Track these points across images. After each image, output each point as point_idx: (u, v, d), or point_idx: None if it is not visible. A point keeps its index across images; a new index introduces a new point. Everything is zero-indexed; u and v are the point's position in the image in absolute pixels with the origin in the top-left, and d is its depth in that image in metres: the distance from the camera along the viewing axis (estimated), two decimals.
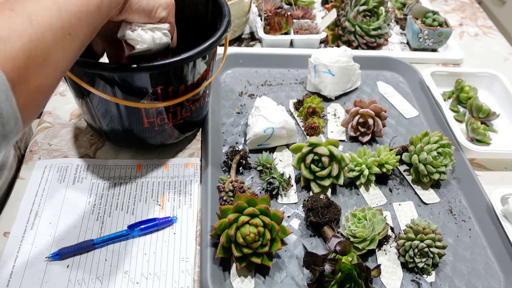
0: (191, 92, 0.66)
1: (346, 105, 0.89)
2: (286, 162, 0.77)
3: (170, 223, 0.65)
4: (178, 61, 0.58)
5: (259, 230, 0.57)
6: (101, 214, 0.66)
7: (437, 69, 0.95)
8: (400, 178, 0.76)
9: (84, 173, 0.72)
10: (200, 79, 0.67)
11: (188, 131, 0.77)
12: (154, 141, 0.73)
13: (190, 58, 0.59)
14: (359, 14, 1.00)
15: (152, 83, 0.60)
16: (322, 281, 0.56)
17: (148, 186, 0.71)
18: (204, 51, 0.60)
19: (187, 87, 0.65)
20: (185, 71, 0.63)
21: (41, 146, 0.76)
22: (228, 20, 0.66)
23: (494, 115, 0.86)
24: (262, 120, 0.75)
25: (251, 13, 1.08)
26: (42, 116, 0.82)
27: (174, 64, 0.58)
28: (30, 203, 0.67)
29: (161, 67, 0.58)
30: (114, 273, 0.60)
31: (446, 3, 1.30)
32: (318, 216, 0.65)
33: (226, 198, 0.67)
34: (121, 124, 0.67)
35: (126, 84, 0.60)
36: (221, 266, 0.61)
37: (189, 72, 0.63)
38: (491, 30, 1.20)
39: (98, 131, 0.73)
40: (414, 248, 0.62)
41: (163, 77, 0.61)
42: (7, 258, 0.60)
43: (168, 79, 0.62)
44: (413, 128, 0.86)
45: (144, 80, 0.59)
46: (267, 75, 0.95)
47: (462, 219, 0.71)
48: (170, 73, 0.61)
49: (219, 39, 0.63)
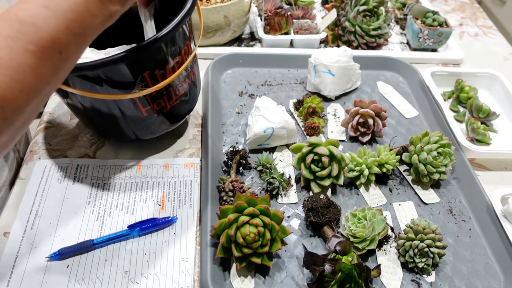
0: (178, 70, 0.66)
1: (346, 105, 0.89)
2: (286, 162, 0.77)
3: (170, 223, 0.65)
4: (153, 42, 0.58)
5: (259, 230, 0.57)
6: (101, 214, 0.66)
7: (437, 69, 0.95)
8: (400, 178, 0.76)
9: (84, 173, 0.72)
10: (184, 54, 0.67)
11: (188, 112, 0.77)
12: (156, 130, 0.73)
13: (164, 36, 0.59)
14: (359, 14, 1.00)
15: (137, 70, 0.61)
16: (322, 281, 0.56)
17: (148, 186, 0.71)
18: (177, 26, 0.60)
19: (173, 66, 0.65)
20: (164, 50, 0.63)
21: (41, 146, 0.76)
22: None
23: (494, 115, 0.86)
24: (262, 120, 0.75)
25: (251, 13, 1.08)
26: (42, 117, 0.82)
27: (151, 44, 0.58)
28: (30, 203, 0.67)
29: (139, 51, 0.58)
30: (114, 273, 0.60)
31: (446, 3, 1.30)
32: (318, 216, 0.65)
33: (226, 198, 0.67)
34: (119, 120, 0.68)
35: (113, 78, 0.60)
36: (221, 266, 0.61)
37: (169, 50, 0.63)
38: (491, 30, 1.20)
39: (97, 132, 0.73)
40: (414, 248, 0.62)
41: (145, 61, 0.61)
42: (7, 258, 0.60)
43: (150, 61, 0.62)
44: (413, 128, 0.86)
45: (128, 69, 0.60)
46: (267, 75, 0.95)
47: (462, 219, 0.71)
48: (151, 55, 0.61)
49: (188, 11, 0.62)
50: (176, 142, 0.79)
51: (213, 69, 0.91)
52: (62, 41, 0.38)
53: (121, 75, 0.60)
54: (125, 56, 0.57)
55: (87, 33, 0.41)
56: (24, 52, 0.36)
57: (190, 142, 0.79)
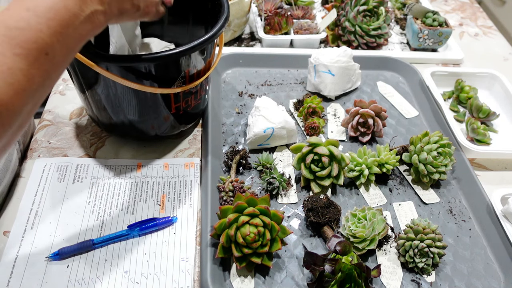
0: (208, 70, 0.70)
1: (346, 105, 0.89)
2: (286, 162, 0.77)
3: (170, 223, 0.65)
4: (203, 42, 0.62)
5: (259, 230, 0.57)
6: (101, 214, 0.66)
7: (437, 69, 0.95)
8: (400, 178, 0.76)
9: (84, 173, 0.72)
10: (213, 54, 0.72)
11: (201, 112, 0.80)
12: (176, 127, 0.76)
13: (211, 37, 0.63)
14: (359, 14, 1.00)
15: (184, 66, 0.64)
16: (322, 281, 0.56)
17: (148, 186, 0.71)
18: (216, 34, 0.64)
19: (206, 66, 0.69)
20: (205, 50, 0.67)
21: (40, 144, 0.76)
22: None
23: (494, 115, 0.86)
24: (262, 120, 0.75)
25: (251, 13, 1.08)
26: (42, 115, 0.82)
27: (202, 44, 0.62)
28: (30, 203, 0.67)
29: (193, 49, 0.61)
30: (114, 273, 0.60)
31: (446, 3, 1.30)
32: (318, 216, 0.65)
33: (226, 198, 0.67)
34: (148, 115, 0.70)
35: (159, 72, 0.63)
36: (221, 266, 0.61)
37: (209, 49, 0.69)
38: (491, 30, 1.20)
39: (104, 124, 0.73)
40: (414, 248, 0.62)
41: (193, 58, 0.65)
42: (7, 258, 0.60)
43: (196, 59, 0.66)
44: (413, 128, 0.86)
45: (179, 64, 0.64)
46: (267, 75, 0.95)
47: (462, 219, 0.71)
48: (200, 52, 0.65)
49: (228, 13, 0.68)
50: (176, 142, 0.79)
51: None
52: (46, 41, 0.39)
53: (169, 70, 0.63)
54: (185, 51, 0.60)
55: (70, 33, 0.42)
56: (12, 56, 0.37)
57: (190, 142, 0.79)
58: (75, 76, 0.66)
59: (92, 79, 0.64)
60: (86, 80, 0.66)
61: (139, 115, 0.69)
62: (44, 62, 0.40)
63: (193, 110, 0.75)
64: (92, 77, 0.64)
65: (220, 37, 0.75)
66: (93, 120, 0.76)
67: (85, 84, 0.66)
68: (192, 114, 0.77)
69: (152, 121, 0.71)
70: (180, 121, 0.74)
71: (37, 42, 0.39)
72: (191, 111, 0.75)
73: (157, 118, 0.71)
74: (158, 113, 0.70)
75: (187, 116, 0.75)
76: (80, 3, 0.42)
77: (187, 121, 0.77)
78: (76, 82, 0.68)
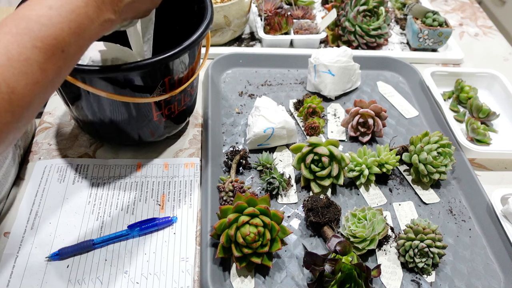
0: (191, 77, 0.68)
1: (346, 105, 0.89)
2: (286, 162, 0.77)
3: (170, 223, 0.65)
4: (183, 49, 0.60)
5: (259, 230, 0.57)
6: (101, 214, 0.66)
7: (437, 69, 0.95)
8: (400, 178, 0.76)
9: (84, 173, 0.72)
10: (197, 60, 0.70)
11: (189, 115, 0.79)
12: (161, 133, 0.74)
13: (192, 44, 0.61)
14: (359, 14, 1.00)
15: (163, 74, 0.62)
16: (322, 281, 0.56)
17: (148, 186, 0.71)
18: (199, 38, 0.62)
19: (188, 72, 0.67)
20: (185, 57, 0.65)
21: (41, 146, 0.76)
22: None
23: (494, 115, 0.86)
24: (262, 120, 0.75)
25: (251, 13, 1.08)
26: (42, 117, 0.82)
27: (180, 53, 0.60)
28: (30, 203, 0.67)
29: (172, 57, 0.59)
30: (114, 273, 0.60)
31: (446, 3, 1.30)
32: (318, 216, 0.65)
33: (226, 198, 0.67)
34: (128, 123, 0.68)
35: (137, 82, 0.61)
36: (221, 266, 0.61)
37: (191, 56, 0.66)
38: (491, 30, 1.20)
39: (96, 134, 0.73)
40: (414, 248, 0.62)
41: (172, 66, 0.63)
42: (7, 258, 0.60)
43: (176, 67, 0.64)
44: (413, 128, 0.86)
45: (157, 73, 0.62)
46: (267, 75, 0.95)
47: (462, 219, 0.71)
48: (179, 60, 0.63)
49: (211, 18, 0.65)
50: (176, 142, 0.79)
51: (213, 69, 0.91)
52: (65, 40, 0.42)
53: (147, 79, 0.61)
54: (162, 60, 0.58)
55: (86, 36, 0.45)
56: (32, 48, 0.39)
57: (190, 142, 0.79)
58: (59, 91, 0.66)
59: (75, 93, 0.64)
60: (68, 95, 0.65)
61: (123, 124, 0.68)
62: (60, 58, 0.42)
63: (180, 114, 0.73)
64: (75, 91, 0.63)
65: (206, 39, 0.73)
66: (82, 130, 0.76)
67: (69, 99, 0.66)
68: (180, 116, 0.74)
69: (138, 130, 0.70)
70: (167, 125, 0.73)
71: (57, 39, 0.41)
72: (178, 115, 0.73)
73: (143, 127, 0.69)
74: (141, 121, 0.68)
75: (175, 119, 0.73)
76: (98, 12, 0.45)
77: (177, 122, 0.75)
78: (60, 97, 0.68)
